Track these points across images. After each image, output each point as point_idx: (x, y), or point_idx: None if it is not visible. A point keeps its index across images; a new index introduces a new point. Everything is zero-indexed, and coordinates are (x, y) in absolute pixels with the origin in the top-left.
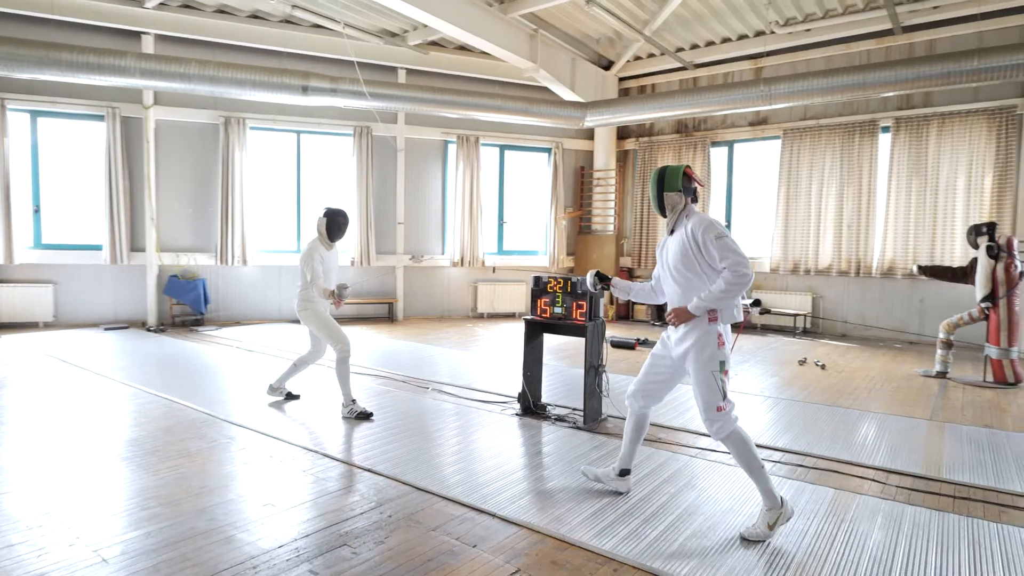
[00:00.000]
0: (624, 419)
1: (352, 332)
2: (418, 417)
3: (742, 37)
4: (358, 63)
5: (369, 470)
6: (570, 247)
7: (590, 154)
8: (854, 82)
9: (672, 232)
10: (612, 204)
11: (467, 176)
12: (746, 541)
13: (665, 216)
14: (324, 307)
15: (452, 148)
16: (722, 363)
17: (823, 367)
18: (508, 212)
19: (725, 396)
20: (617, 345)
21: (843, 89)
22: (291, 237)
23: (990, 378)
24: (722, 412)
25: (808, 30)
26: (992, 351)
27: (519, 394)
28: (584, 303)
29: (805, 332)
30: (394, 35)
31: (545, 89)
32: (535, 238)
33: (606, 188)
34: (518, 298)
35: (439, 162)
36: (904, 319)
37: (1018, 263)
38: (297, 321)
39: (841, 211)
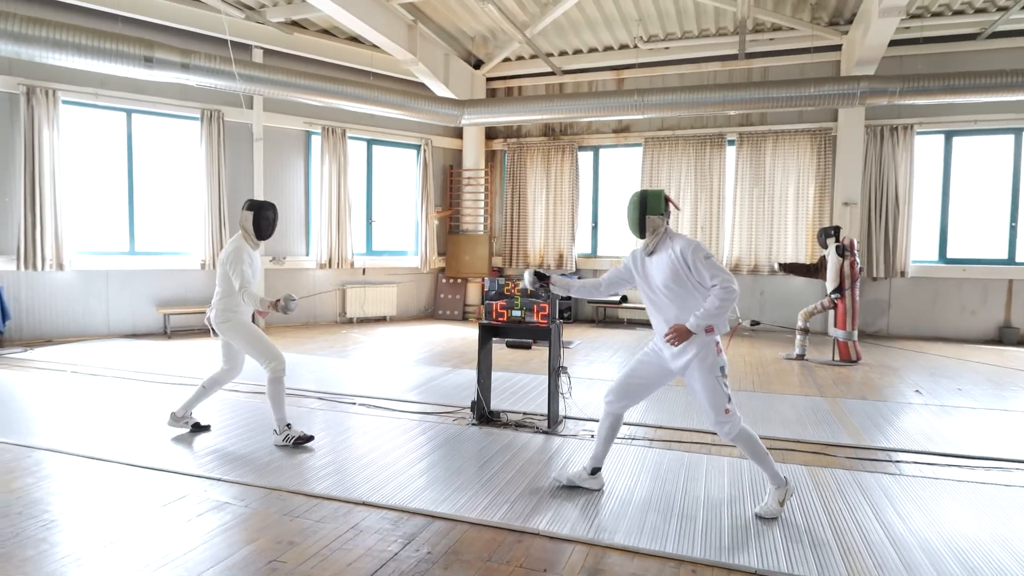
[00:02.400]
0: (589, 420)
1: (207, 347)
2: (369, 437)
3: (608, 48)
4: (202, 35)
5: (375, 505)
6: (441, 247)
7: (459, 153)
8: (704, 99)
9: (652, 254)
10: (483, 204)
11: (334, 171)
12: (762, 519)
13: (642, 237)
14: (249, 317)
15: (316, 140)
16: (722, 368)
17: None
18: (377, 211)
19: (730, 399)
20: (513, 346)
21: (694, 105)
22: (122, 236)
23: (837, 357)
24: (729, 414)
25: (667, 48)
26: (839, 334)
27: (472, 403)
28: (546, 305)
29: None
30: (251, 8)
31: (415, 83)
32: (405, 238)
33: (476, 188)
34: (388, 300)
35: (302, 155)
36: (747, 310)
37: (857, 260)
38: (141, 335)
39: (696, 214)
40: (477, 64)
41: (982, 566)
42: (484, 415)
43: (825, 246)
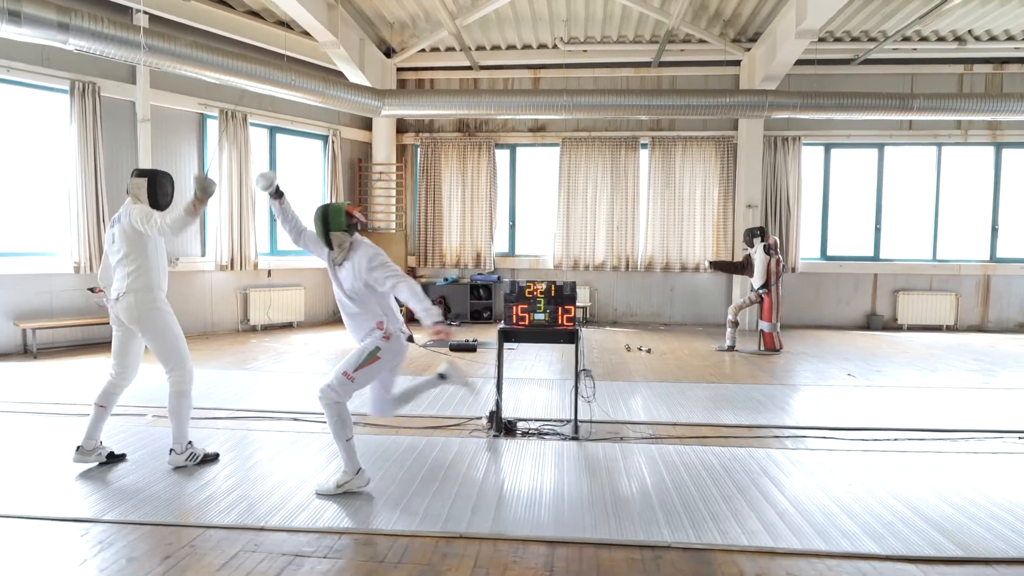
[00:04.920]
0: (615, 422)
1: (87, 364)
2: (384, 458)
3: (527, 47)
4: None
5: (520, 539)
6: None
7: (367, 146)
8: (628, 103)
9: (341, 264)
10: (395, 201)
11: (234, 160)
12: (320, 495)
13: (331, 249)
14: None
15: (212, 125)
16: (377, 349)
17: (648, 351)
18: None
19: (355, 371)
20: (457, 348)
21: (620, 108)
22: None
23: (763, 347)
24: (346, 379)
25: (585, 51)
26: (765, 326)
27: (491, 413)
28: (572, 307)
29: (587, 322)
30: None
31: (328, 69)
32: None
33: (388, 183)
34: (295, 305)
35: (195, 141)
36: (659, 305)
37: (781, 258)
38: None
39: (612, 214)
40: (388, 52)
41: (869, 521)
42: (504, 426)
43: (751, 245)
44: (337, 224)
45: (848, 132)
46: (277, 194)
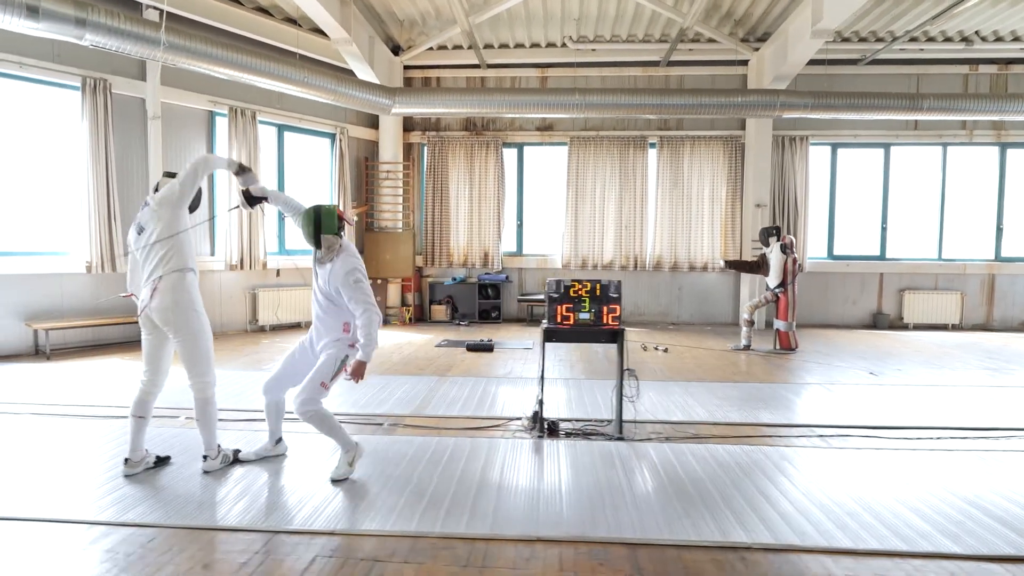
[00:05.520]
0: (659, 422)
1: (101, 365)
2: (434, 460)
3: (535, 45)
4: None
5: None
6: (358, 246)
7: (374, 144)
8: (629, 102)
9: (324, 263)
10: (402, 200)
11: (243, 158)
12: (335, 481)
13: (319, 249)
14: None
15: (221, 122)
16: (346, 358)
17: (665, 351)
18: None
19: (330, 381)
20: (474, 348)
21: (621, 107)
22: None
23: (779, 346)
24: (323, 388)
25: (593, 50)
26: (781, 325)
27: (534, 413)
28: (617, 307)
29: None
30: None
31: (339, 67)
32: None
33: (395, 182)
34: (303, 305)
35: (203, 138)
36: (667, 305)
37: (797, 257)
38: (4, 356)
39: (620, 213)
40: (395, 50)
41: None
42: (548, 427)
43: (767, 244)
44: (329, 228)
45: (855, 132)
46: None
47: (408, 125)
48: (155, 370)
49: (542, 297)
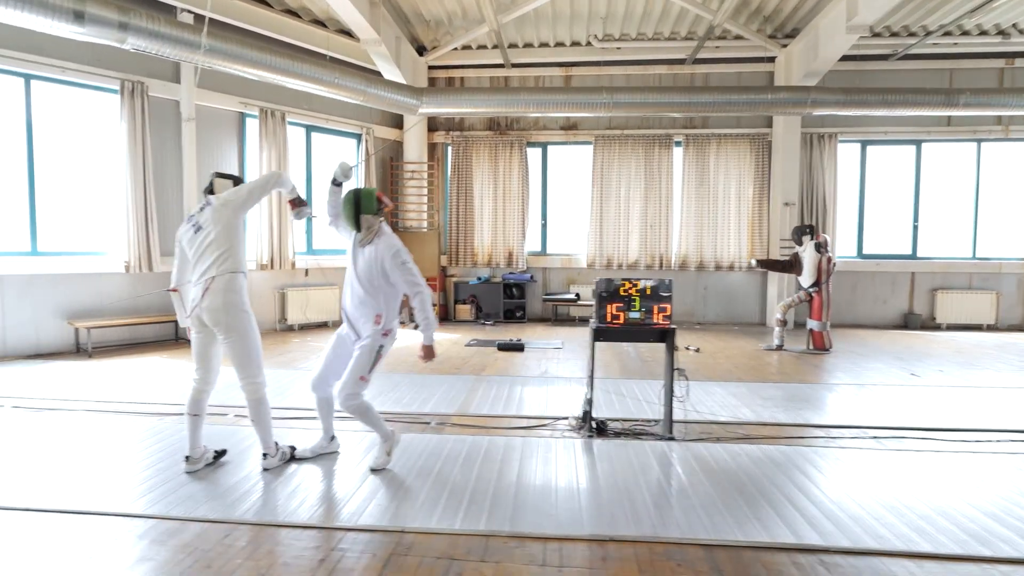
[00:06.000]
0: (709, 422)
1: (142, 363)
2: (488, 458)
3: (559, 44)
4: None
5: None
6: None
7: (398, 144)
8: (656, 100)
9: (364, 246)
10: (426, 200)
11: (272, 159)
12: (375, 470)
13: (359, 231)
14: None
15: (252, 123)
16: (381, 348)
17: (697, 351)
18: (317, 205)
19: (368, 372)
20: (505, 348)
21: (648, 105)
22: (21, 232)
23: (812, 346)
24: (362, 382)
25: (619, 48)
26: (814, 325)
27: (584, 413)
28: (667, 306)
29: None
30: None
31: (366, 69)
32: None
33: (420, 182)
34: (330, 305)
35: (235, 140)
36: (692, 304)
37: (832, 256)
38: (47, 354)
39: (645, 212)
40: (420, 50)
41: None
42: (597, 426)
43: (800, 243)
44: (368, 208)
45: (885, 129)
46: (341, 181)
47: (432, 125)
48: (206, 368)
49: (568, 296)
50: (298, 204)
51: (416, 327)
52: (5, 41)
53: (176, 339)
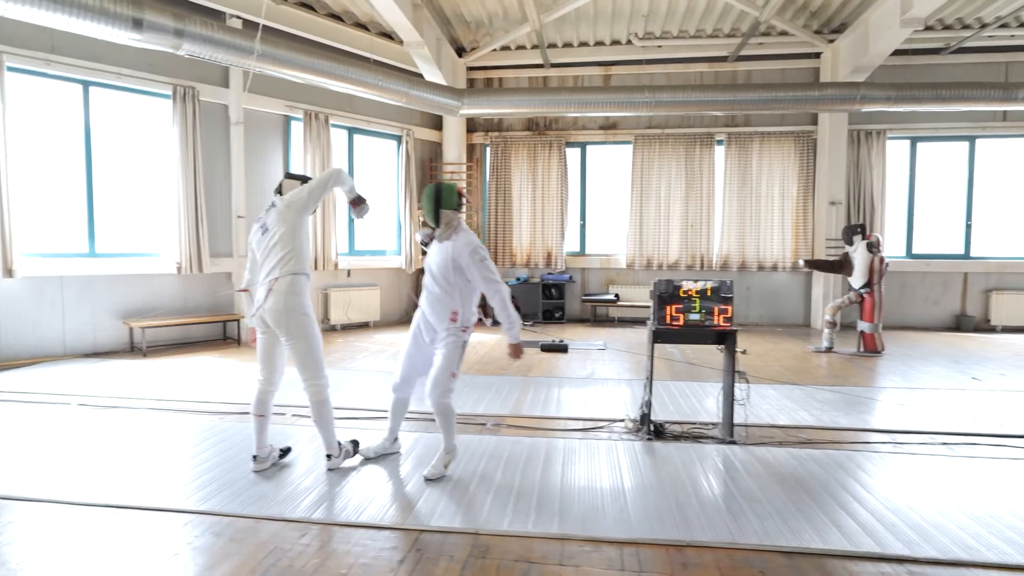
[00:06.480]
0: (770, 426)
1: (195, 362)
2: (549, 459)
3: (598, 43)
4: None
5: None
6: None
7: (437, 146)
8: (700, 99)
9: (441, 242)
10: (465, 201)
11: (316, 161)
12: (429, 480)
13: (437, 227)
14: None
15: (296, 126)
16: (464, 344)
17: (744, 352)
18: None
19: (456, 369)
20: (548, 348)
21: (692, 104)
22: (80, 235)
23: (863, 349)
24: (453, 378)
25: (659, 46)
26: (866, 327)
27: (642, 415)
28: (728, 307)
29: None
30: None
31: (408, 71)
32: (385, 236)
33: (458, 183)
34: (372, 305)
35: (279, 142)
36: (735, 305)
37: (885, 256)
38: (103, 353)
39: (686, 212)
40: (459, 52)
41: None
42: (655, 429)
43: (851, 243)
44: (449, 203)
45: (936, 125)
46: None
47: (471, 126)
48: (270, 369)
49: (607, 297)
50: (359, 203)
51: (493, 324)
52: (66, 49)
53: (224, 338)
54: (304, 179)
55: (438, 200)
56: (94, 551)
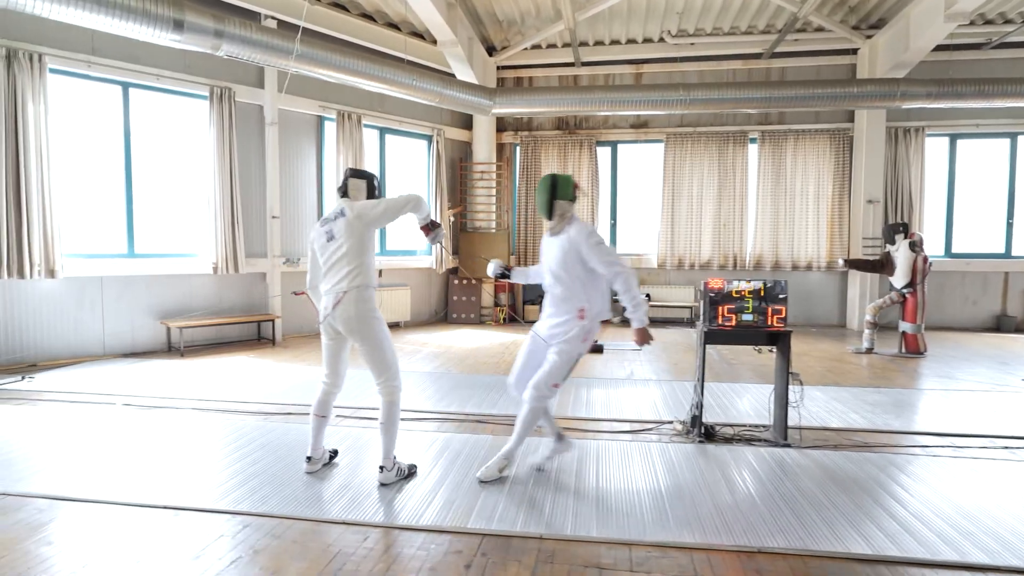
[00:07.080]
0: (824, 429)
1: (231, 362)
2: (600, 459)
3: (630, 41)
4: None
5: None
6: (453, 246)
7: (467, 145)
8: (735, 97)
9: (555, 235)
10: (495, 200)
11: (349, 161)
12: (482, 481)
13: (550, 219)
14: None
15: (329, 126)
16: (579, 355)
17: (761, 352)
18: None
19: (563, 380)
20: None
21: (727, 102)
22: (119, 235)
23: (905, 350)
24: (555, 388)
25: (692, 44)
26: (908, 327)
27: (692, 417)
28: (783, 308)
29: (690, 323)
30: None
31: (439, 71)
32: (416, 237)
33: (488, 183)
34: (402, 305)
35: (313, 142)
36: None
37: (927, 255)
38: (141, 353)
39: (719, 211)
40: (489, 51)
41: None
42: (707, 431)
43: (892, 242)
44: (564, 194)
45: (976, 121)
46: (504, 269)
47: (501, 125)
48: (335, 372)
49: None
50: (432, 228)
51: (623, 316)
52: (106, 51)
53: (259, 339)
54: (369, 176)
55: (553, 190)
56: (157, 553)
